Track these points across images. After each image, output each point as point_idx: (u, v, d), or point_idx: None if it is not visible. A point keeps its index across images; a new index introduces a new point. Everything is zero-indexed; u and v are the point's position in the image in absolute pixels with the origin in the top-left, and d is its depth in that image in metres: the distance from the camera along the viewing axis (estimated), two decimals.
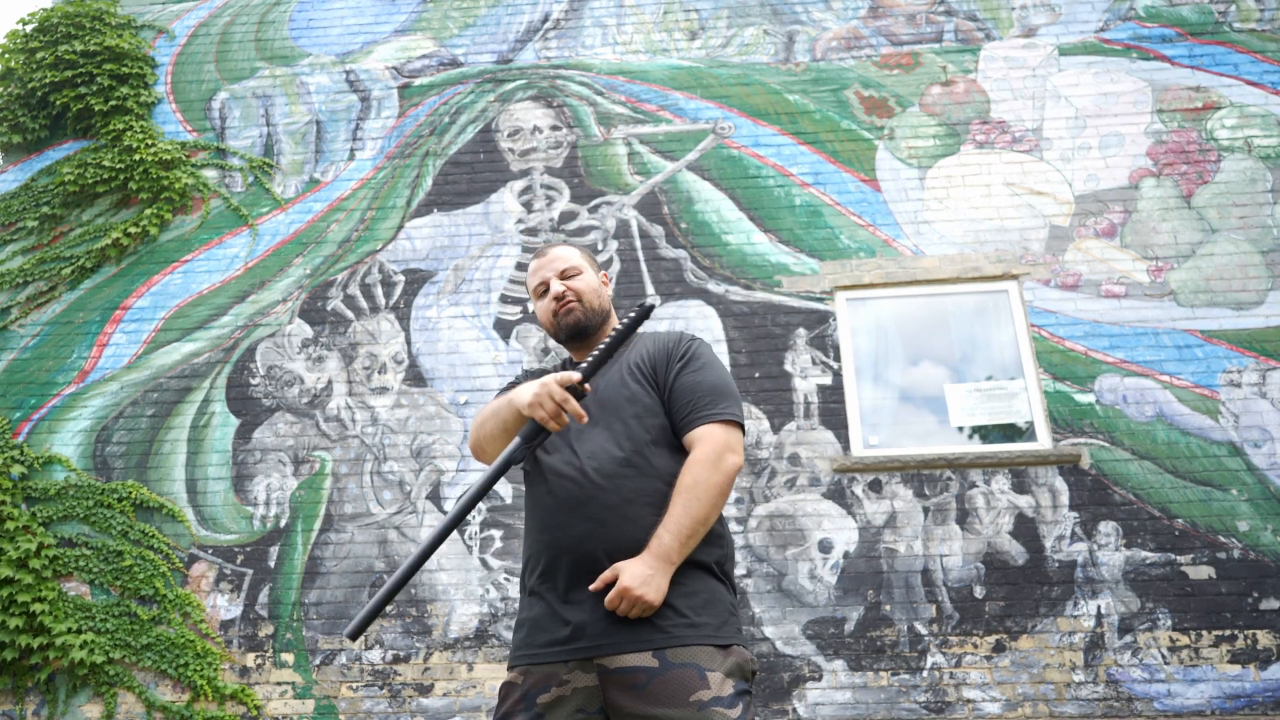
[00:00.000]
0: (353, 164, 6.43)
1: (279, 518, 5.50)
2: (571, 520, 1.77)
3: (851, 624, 4.99)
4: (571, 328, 2.02)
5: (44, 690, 5.17)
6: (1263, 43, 6.11)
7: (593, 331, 2.04)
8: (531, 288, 2.11)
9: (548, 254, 2.10)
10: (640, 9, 6.72)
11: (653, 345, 2.00)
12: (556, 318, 2.03)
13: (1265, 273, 5.51)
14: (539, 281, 2.08)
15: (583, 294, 2.03)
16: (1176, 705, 4.68)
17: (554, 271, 2.06)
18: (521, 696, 1.72)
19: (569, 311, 2.01)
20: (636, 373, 1.93)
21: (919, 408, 5.51)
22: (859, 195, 5.96)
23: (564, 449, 1.86)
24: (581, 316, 2.02)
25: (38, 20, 6.85)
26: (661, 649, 1.66)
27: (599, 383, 1.91)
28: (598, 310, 2.05)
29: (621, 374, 1.94)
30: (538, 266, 2.09)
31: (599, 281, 2.11)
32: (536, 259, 2.12)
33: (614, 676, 1.66)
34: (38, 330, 6.10)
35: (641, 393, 1.89)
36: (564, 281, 2.04)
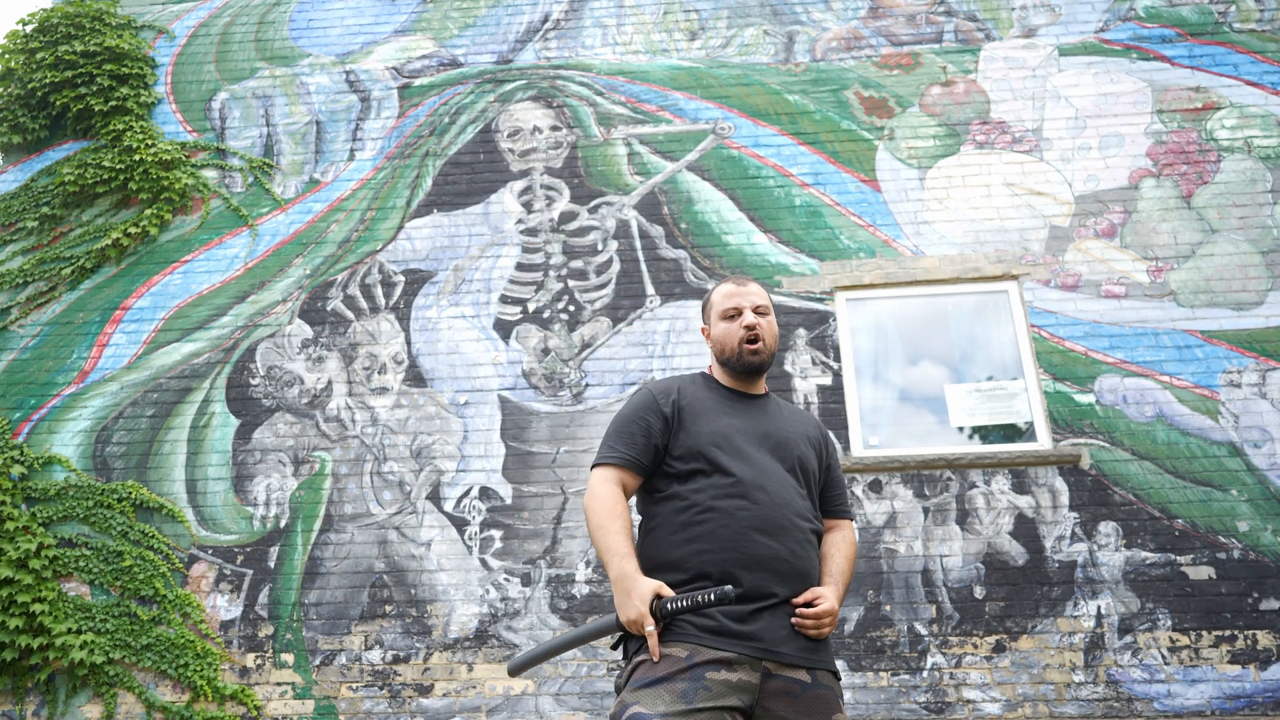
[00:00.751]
0: (353, 164, 6.43)
1: (279, 518, 5.50)
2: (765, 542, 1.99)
3: (851, 624, 4.98)
4: (753, 365, 2.21)
5: (44, 691, 5.17)
6: (1263, 43, 6.12)
7: (766, 370, 2.25)
8: (722, 308, 2.24)
9: (747, 285, 2.27)
10: (640, 9, 6.73)
11: (813, 428, 2.30)
12: (741, 347, 2.20)
13: (1265, 273, 5.51)
14: (732, 305, 2.22)
15: (766, 339, 2.21)
16: (1176, 706, 4.68)
17: (750, 304, 2.22)
18: (688, 667, 1.85)
19: (756, 351, 2.20)
20: (807, 445, 2.21)
21: (919, 408, 5.51)
22: (859, 195, 5.96)
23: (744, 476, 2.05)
24: (766, 359, 2.22)
25: (38, 20, 6.85)
26: (813, 669, 1.95)
27: (768, 425, 2.17)
28: (773, 356, 2.25)
29: (792, 433, 2.19)
30: (735, 293, 2.25)
31: (777, 331, 2.29)
32: (734, 284, 2.28)
33: (775, 681, 1.90)
34: (38, 330, 6.10)
35: (813, 460, 2.20)
36: (757, 316, 2.21)
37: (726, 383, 2.26)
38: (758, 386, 2.27)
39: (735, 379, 2.24)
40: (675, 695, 1.79)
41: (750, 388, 2.25)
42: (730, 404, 2.20)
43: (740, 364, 2.20)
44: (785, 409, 2.28)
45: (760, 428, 2.14)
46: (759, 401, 2.24)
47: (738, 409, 2.19)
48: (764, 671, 1.89)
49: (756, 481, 2.03)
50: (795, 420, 2.25)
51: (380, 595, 5.29)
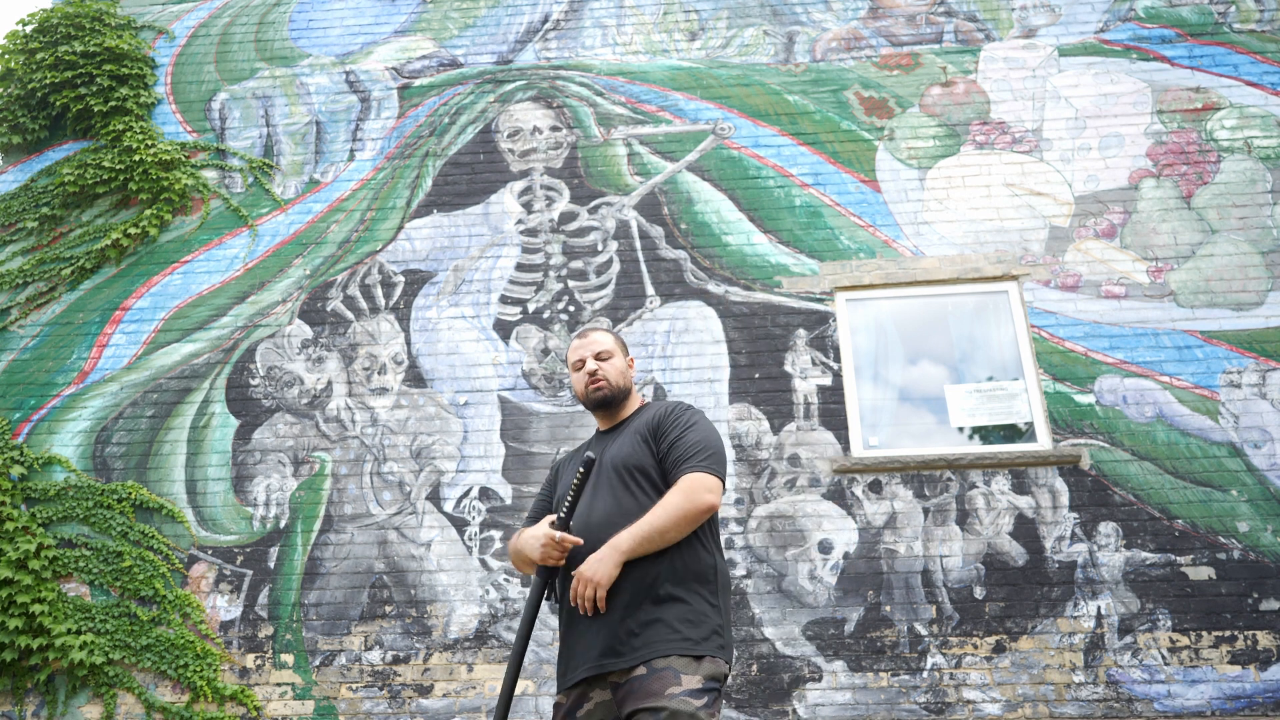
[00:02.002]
0: (352, 165, 6.43)
1: (279, 518, 5.50)
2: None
3: (851, 625, 4.98)
4: (599, 401, 2.51)
5: (44, 691, 5.16)
6: (1262, 43, 6.12)
7: (615, 404, 2.52)
8: (570, 362, 2.59)
9: (588, 337, 2.58)
10: (640, 10, 6.73)
11: (647, 419, 2.46)
12: (587, 390, 2.51)
13: (1265, 273, 5.51)
14: (577, 359, 2.56)
15: (609, 376, 2.51)
16: (1176, 706, 4.68)
17: (590, 352, 2.54)
18: (566, 714, 2.18)
19: (599, 388, 2.50)
20: (635, 443, 2.40)
21: (919, 408, 5.51)
22: (859, 196, 5.96)
23: (580, 521, 2.31)
24: (608, 393, 2.50)
25: (38, 21, 6.85)
26: (649, 659, 2.06)
27: (611, 452, 2.40)
28: (620, 389, 2.52)
29: (624, 445, 2.41)
30: (578, 346, 2.58)
31: (625, 365, 2.57)
32: (578, 339, 2.60)
33: (621, 689, 2.08)
34: (37, 331, 6.10)
35: (640, 453, 2.36)
36: (597, 362, 2.52)
37: (598, 422, 2.59)
38: (619, 416, 2.54)
39: (599, 416, 2.56)
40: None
41: (613, 420, 2.55)
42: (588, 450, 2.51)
43: (590, 403, 2.52)
44: (634, 421, 2.48)
45: (605, 459, 2.39)
46: (612, 434, 2.51)
47: (596, 447, 2.49)
48: (612, 686, 2.11)
49: (583, 534, 2.24)
50: (635, 426, 2.45)
51: (380, 596, 5.29)
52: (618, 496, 2.28)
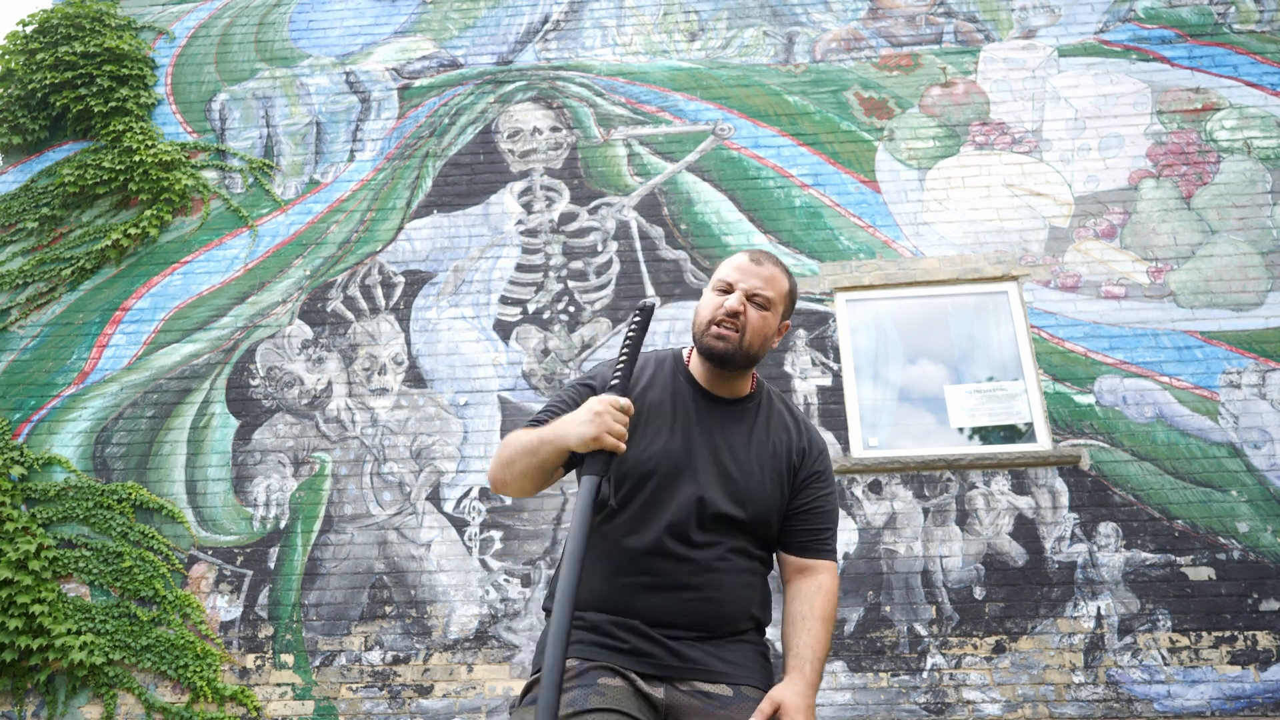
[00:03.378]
0: (353, 165, 6.44)
1: (279, 519, 5.50)
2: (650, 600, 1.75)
3: (851, 625, 4.98)
4: (713, 352, 1.83)
5: (44, 691, 5.16)
6: (1262, 44, 6.12)
7: (729, 367, 1.86)
8: (717, 277, 1.88)
9: (761, 265, 1.86)
10: (640, 10, 6.73)
11: (790, 443, 1.89)
12: (709, 327, 1.83)
13: (1265, 274, 5.51)
14: (728, 281, 1.85)
15: (750, 331, 1.83)
16: (1176, 706, 4.68)
17: (749, 286, 1.84)
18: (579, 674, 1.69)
19: (722, 338, 1.81)
20: (771, 468, 1.84)
21: (919, 409, 5.51)
22: (859, 196, 5.96)
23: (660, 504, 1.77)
24: (730, 350, 1.82)
25: (38, 21, 6.85)
26: (739, 684, 1.73)
27: (723, 440, 1.84)
28: (750, 354, 1.85)
29: (753, 453, 1.84)
30: (740, 267, 1.86)
31: (776, 330, 1.90)
32: (748, 259, 1.88)
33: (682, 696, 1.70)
34: (37, 331, 6.10)
35: (771, 489, 1.82)
36: (755, 308, 1.84)
37: (698, 374, 1.91)
38: (733, 388, 1.91)
39: (705, 370, 1.90)
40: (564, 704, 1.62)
41: (722, 387, 1.90)
42: (684, 405, 1.88)
43: (701, 346, 1.85)
44: (766, 419, 1.92)
45: (712, 440, 1.84)
46: (728, 409, 1.89)
47: (694, 414, 1.87)
48: (669, 688, 1.70)
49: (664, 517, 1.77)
50: (764, 440, 1.89)
51: (380, 596, 5.29)
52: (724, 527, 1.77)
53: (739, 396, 1.91)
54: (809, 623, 1.75)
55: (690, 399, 1.88)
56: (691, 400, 1.88)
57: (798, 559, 1.84)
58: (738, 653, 1.76)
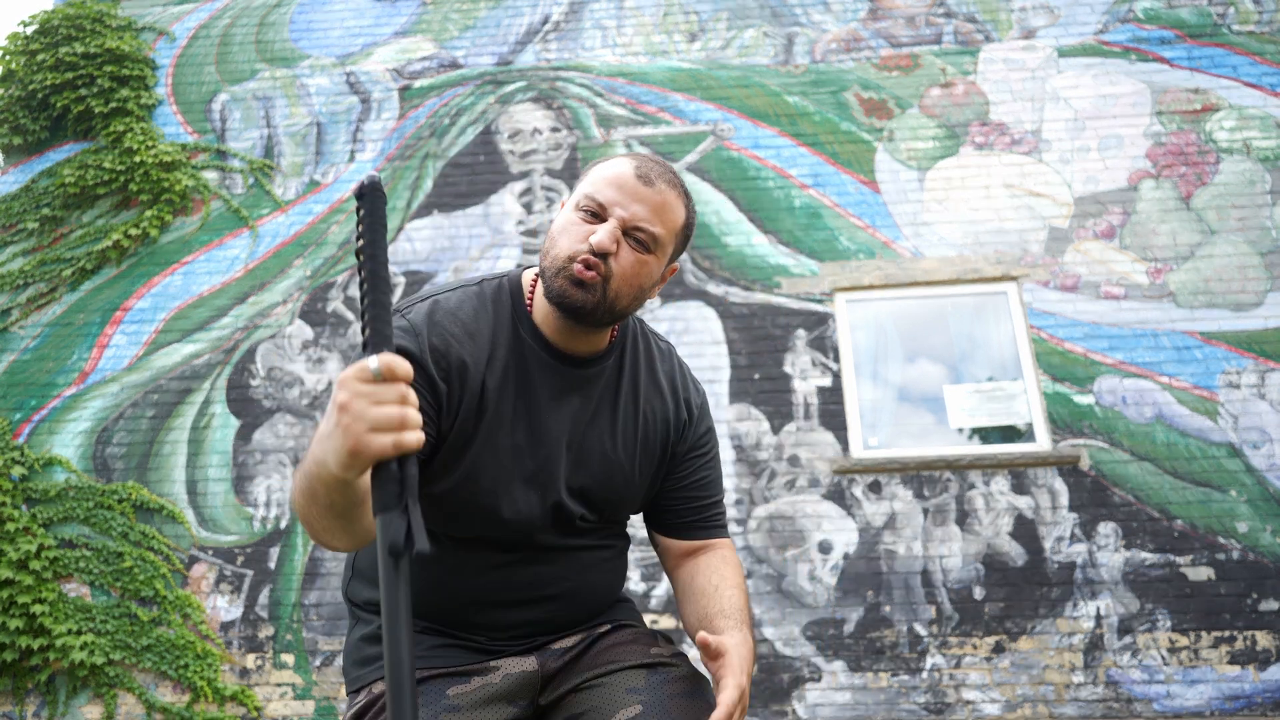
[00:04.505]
0: (353, 165, 6.44)
1: (279, 519, 5.51)
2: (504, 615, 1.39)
3: (851, 625, 4.99)
4: (565, 304, 1.30)
5: (44, 691, 5.17)
6: (1261, 44, 6.13)
7: (586, 323, 1.33)
8: (583, 193, 1.32)
9: (653, 187, 1.30)
10: (640, 11, 6.74)
11: (674, 405, 1.47)
12: (565, 267, 1.29)
13: (1264, 274, 5.52)
14: (602, 201, 1.30)
15: (619, 278, 1.29)
16: (1176, 706, 4.68)
17: (628, 215, 1.29)
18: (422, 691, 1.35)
19: (581, 283, 1.27)
20: (633, 442, 1.42)
21: (918, 409, 5.52)
22: (858, 197, 5.96)
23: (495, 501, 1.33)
24: (587, 303, 1.29)
25: (38, 22, 6.86)
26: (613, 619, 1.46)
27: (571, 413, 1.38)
28: (616, 310, 1.32)
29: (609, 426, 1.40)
30: (621, 187, 1.30)
31: (656, 278, 1.36)
32: (635, 176, 1.30)
33: (558, 652, 1.39)
34: (38, 332, 6.11)
35: (632, 467, 1.42)
36: (620, 242, 1.29)
37: (543, 326, 1.37)
38: (590, 342, 1.38)
39: (554, 321, 1.35)
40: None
41: (575, 342, 1.37)
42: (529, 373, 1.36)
43: (553, 294, 1.31)
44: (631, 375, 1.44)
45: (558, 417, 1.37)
46: (581, 370, 1.39)
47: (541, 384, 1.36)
48: (542, 652, 1.39)
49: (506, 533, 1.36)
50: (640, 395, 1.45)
51: None
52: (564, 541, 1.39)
53: (597, 352, 1.40)
54: (724, 588, 1.38)
55: (535, 364, 1.36)
56: (537, 366, 1.36)
57: (686, 543, 1.48)
58: (612, 612, 1.48)
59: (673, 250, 1.36)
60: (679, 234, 1.35)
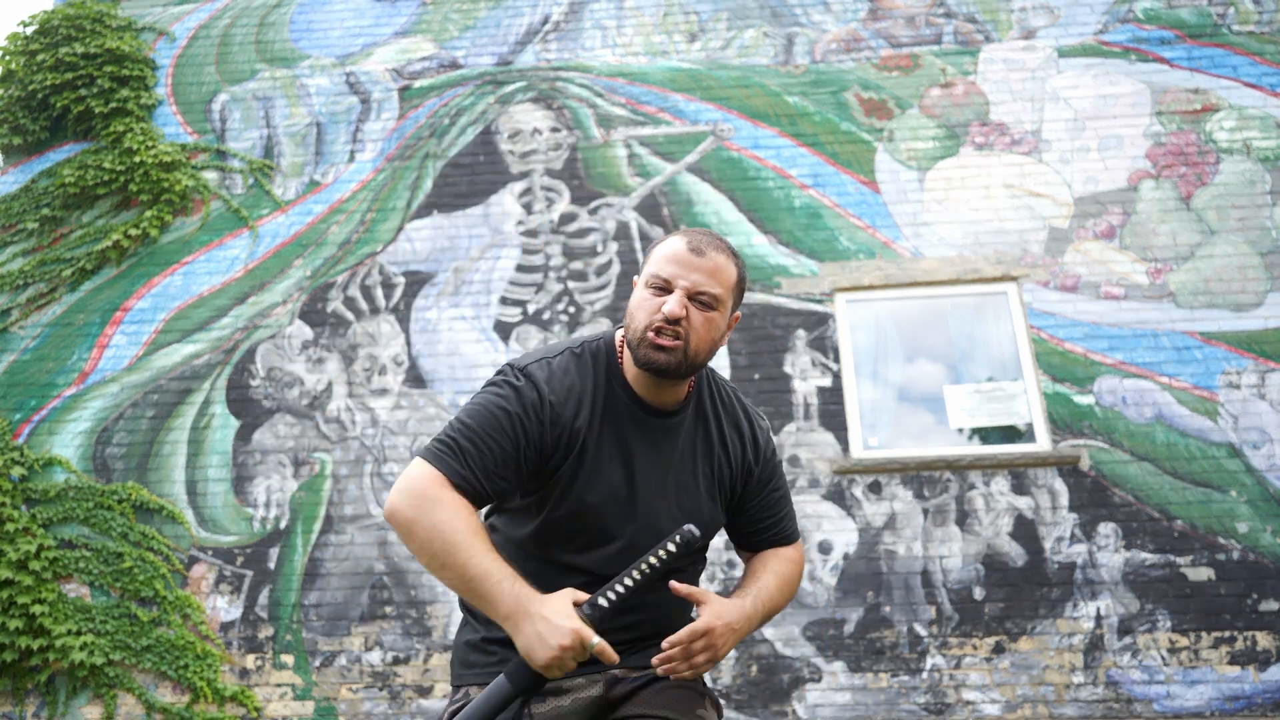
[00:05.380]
0: (353, 166, 6.44)
1: (279, 519, 5.50)
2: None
3: (851, 625, 4.99)
4: (653, 366, 1.54)
5: (44, 692, 5.17)
6: (1261, 45, 6.12)
7: (675, 379, 1.59)
8: (651, 271, 1.57)
9: (704, 256, 1.55)
10: (640, 11, 6.73)
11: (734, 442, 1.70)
12: (645, 336, 1.53)
13: (1264, 274, 5.51)
14: (665, 276, 1.54)
15: (694, 338, 1.54)
16: (1176, 707, 4.68)
17: (691, 283, 1.53)
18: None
19: (662, 349, 1.52)
20: (708, 475, 1.66)
21: (918, 409, 5.52)
22: (858, 197, 5.96)
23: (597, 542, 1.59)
24: (671, 363, 1.53)
25: (38, 22, 6.86)
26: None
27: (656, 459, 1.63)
28: (696, 364, 1.57)
29: (687, 465, 1.65)
30: (680, 259, 1.55)
31: (724, 329, 1.61)
32: (686, 247, 1.56)
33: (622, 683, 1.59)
34: (38, 332, 6.11)
35: (706, 499, 1.66)
36: (691, 304, 1.54)
37: (634, 382, 1.63)
38: (671, 396, 1.64)
39: (642, 380, 1.62)
40: None
41: (661, 397, 1.63)
42: (619, 427, 1.62)
43: (640, 361, 1.55)
44: (705, 421, 1.69)
45: (645, 464, 1.62)
46: (663, 423, 1.64)
47: (629, 436, 1.62)
48: (608, 679, 1.57)
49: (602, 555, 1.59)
50: (711, 436, 1.70)
51: (380, 596, 5.29)
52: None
53: (679, 402, 1.66)
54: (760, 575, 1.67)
55: (627, 417, 1.62)
56: (629, 419, 1.61)
57: (775, 550, 1.76)
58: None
59: (732, 303, 1.61)
60: (734, 289, 1.60)
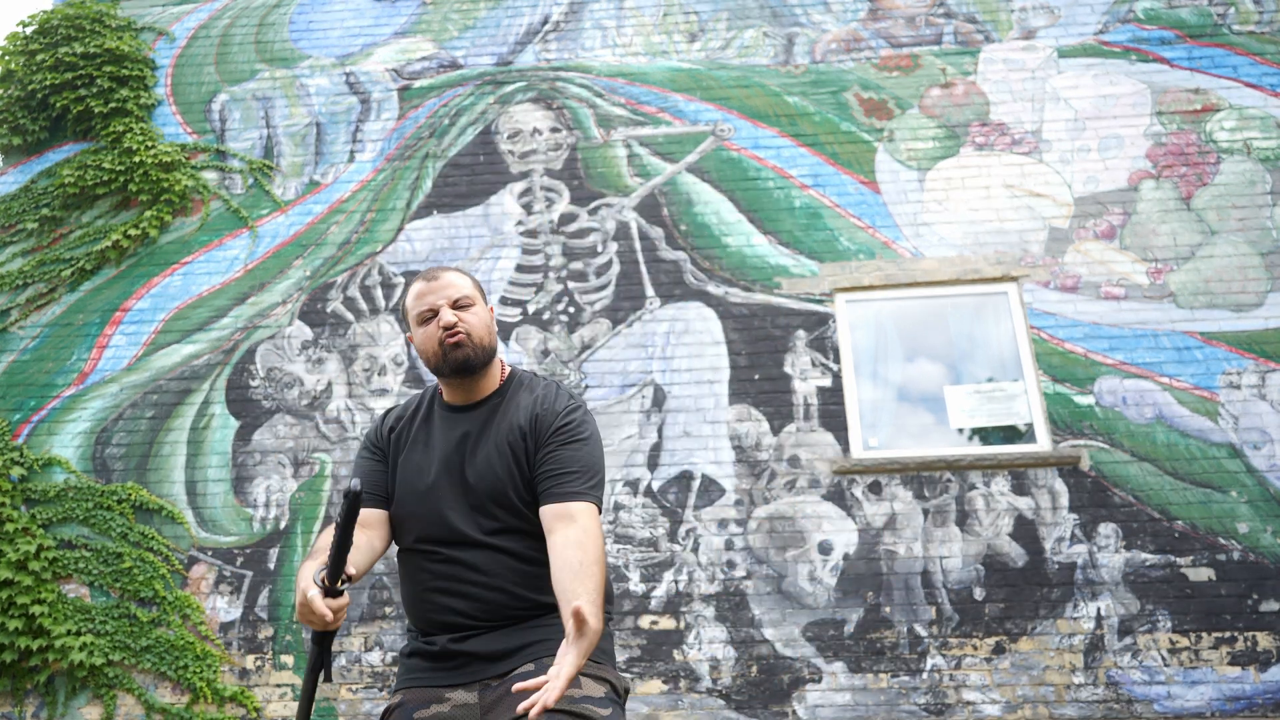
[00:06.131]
0: (352, 166, 6.44)
1: (279, 520, 5.50)
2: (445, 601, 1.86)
3: (851, 626, 4.98)
4: (459, 363, 1.89)
5: (43, 692, 5.16)
6: (1261, 45, 6.12)
7: (478, 369, 1.92)
8: (416, 312, 1.93)
9: (439, 278, 1.93)
10: (640, 11, 6.73)
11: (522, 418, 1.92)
12: (443, 349, 1.89)
13: (1264, 274, 5.51)
14: (426, 307, 1.91)
15: (474, 329, 1.90)
16: (1176, 707, 4.68)
17: (445, 299, 1.91)
18: (398, 705, 1.83)
19: (458, 345, 1.88)
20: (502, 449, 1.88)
21: (918, 409, 5.51)
22: (858, 197, 5.96)
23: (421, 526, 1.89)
24: (471, 353, 1.89)
25: (38, 22, 6.85)
26: (539, 657, 1.76)
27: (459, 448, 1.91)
28: (487, 348, 1.93)
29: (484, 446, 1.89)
30: (425, 290, 1.92)
31: (490, 317, 1.98)
32: (424, 282, 1.94)
33: (497, 689, 1.75)
34: (37, 332, 6.10)
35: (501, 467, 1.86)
36: (456, 311, 1.90)
37: (449, 395, 1.99)
38: (482, 389, 1.96)
39: (453, 389, 1.97)
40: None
41: (474, 393, 1.96)
42: (429, 430, 1.97)
43: (447, 367, 1.90)
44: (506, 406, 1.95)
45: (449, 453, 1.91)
46: (469, 413, 1.95)
47: (439, 434, 1.95)
48: (482, 688, 1.78)
49: (426, 535, 1.87)
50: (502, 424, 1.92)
51: (380, 597, 5.29)
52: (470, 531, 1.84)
53: (485, 396, 1.97)
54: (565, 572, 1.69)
55: (438, 420, 1.98)
56: (439, 420, 1.98)
57: (549, 508, 1.80)
58: (531, 633, 1.81)
59: (483, 296, 2.01)
60: (474, 287, 1.98)
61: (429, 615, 1.86)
